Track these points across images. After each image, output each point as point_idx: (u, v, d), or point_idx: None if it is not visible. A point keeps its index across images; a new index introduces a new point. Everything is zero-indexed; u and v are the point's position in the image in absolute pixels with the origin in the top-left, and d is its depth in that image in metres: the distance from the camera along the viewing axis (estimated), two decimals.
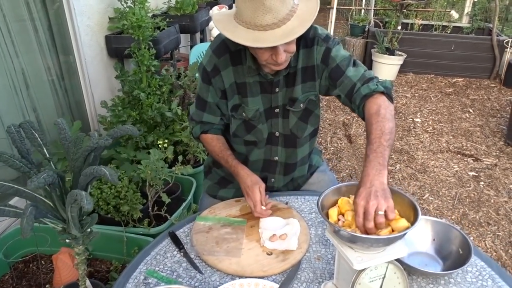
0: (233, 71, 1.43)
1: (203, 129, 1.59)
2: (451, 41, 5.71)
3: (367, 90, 1.34)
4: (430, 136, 4.03)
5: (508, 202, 2.95)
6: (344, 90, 1.40)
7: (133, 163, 2.41)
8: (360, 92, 1.35)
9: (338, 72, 1.40)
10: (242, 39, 1.20)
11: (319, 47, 1.41)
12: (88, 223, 1.34)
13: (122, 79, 2.54)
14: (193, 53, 3.61)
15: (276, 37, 1.19)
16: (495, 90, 5.32)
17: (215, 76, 1.44)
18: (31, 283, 1.95)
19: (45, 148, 1.33)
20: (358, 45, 6.03)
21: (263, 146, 1.55)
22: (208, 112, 1.54)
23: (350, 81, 1.38)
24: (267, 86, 1.44)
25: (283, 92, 1.46)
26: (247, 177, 1.44)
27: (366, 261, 0.97)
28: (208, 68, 1.44)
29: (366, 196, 1.01)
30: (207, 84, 1.48)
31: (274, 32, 1.19)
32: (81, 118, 2.80)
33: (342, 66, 1.40)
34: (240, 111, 1.49)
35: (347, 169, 3.46)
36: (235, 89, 1.46)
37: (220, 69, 1.43)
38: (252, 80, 1.43)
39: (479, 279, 1.17)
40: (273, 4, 1.16)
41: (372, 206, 0.99)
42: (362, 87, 1.35)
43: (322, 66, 1.43)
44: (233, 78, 1.44)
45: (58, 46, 2.64)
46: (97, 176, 1.19)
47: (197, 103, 1.57)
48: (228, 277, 1.19)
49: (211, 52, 1.44)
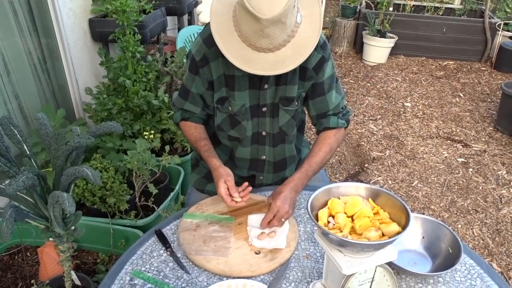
0: (223, 62, 1.38)
1: (183, 116, 1.56)
2: (443, 23, 5.67)
3: (334, 123, 1.49)
4: (420, 121, 4.03)
5: (496, 189, 2.98)
6: (317, 109, 1.50)
7: (119, 152, 2.36)
8: (328, 120, 1.49)
9: (320, 90, 1.45)
10: (233, 57, 1.21)
11: (317, 53, 1.39)
12: (72, 221, 1.31)
13: (106, 66, 2.46)
14: (181, 36, 3.51)
15: (266, 63, 1.20)
16: (486, 74, 5.32)
17: (204, 66, 1.40)
18: (16, 276, 1.92)
19: (25, 145, 1.27)
20: (349, 26, 5.95)
21: (248, 145, 1.52)
22: (189, 102, 1.51)
23: (327, 106, 1.48)
24: (256, 81, 1.40)
25: (272, 90, 1.42)
26: (213, 171, 1.41)
27: (355, 265, 0.95)
28: (196, 57, 1.39)
29: (283, 201, 1.30)
30: (194, 74, 1.43)
31: (267, 56, 1.20)
32: (66, 105, 2.72)
33: (326, 85, 1.45)
34: (226, 105, 1.44)
35: (336, 155, 3.45)
36: (223, 81, 1.41)
37: (209, 59, 1.38)
38: (241, 73, 1.38)
39: (468, 278, 1.17)
40: (271, 32, 1.15)
41: (286, 213, 1.29)
42: (331, 119, 1.49)
43: (312, 73, 1.42)
44: (222, 70, 1.39)
45: (39, 30, 2.54)
46: (79, 177, 1.15)
47: (180, 90, 1.54)
48: (216, 277, 1.17)
49: (201, 41, 1.38)
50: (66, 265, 1.44)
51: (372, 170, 3.20)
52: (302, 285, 1.15)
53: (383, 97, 4.57)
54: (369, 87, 4.84)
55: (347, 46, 6.09)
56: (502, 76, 5.25)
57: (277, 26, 1.15)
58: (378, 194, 1.06)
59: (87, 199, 2.01)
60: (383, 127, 3.91)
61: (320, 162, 1.45)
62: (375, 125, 3.94)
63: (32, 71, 2.53)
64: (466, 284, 1.15)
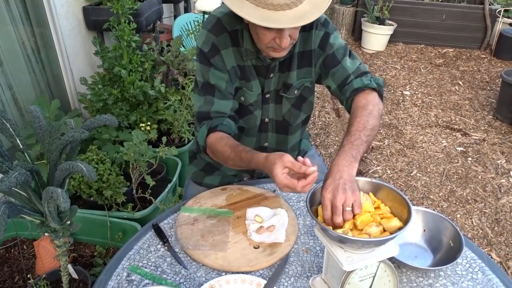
0: (233, 52, 1.32)
1: (210, 126, 1.31)
2: (442, 10, 5.60)
3: (359, 83, 1.30)
4: (419, 110, 4.00)
5: (495, 178, 2.97)
6: (337, 80, 1.35)
7: (115, 143, 2.33)
8: (352, 84, 1.31)
9: (334, 61, 1.35)
10: (251, 16, 1.10)
11: (318, 31, 1.34)
12: (68, 216, 1.29)
13: (101, 55, 2.41)
14: (177, 24, 3.46)
15: (287, 19, 1.10)
16: (486, 61, 5.28)
17: (215, 55, 1.31)
18: (13, 269, 1.90)
19: (18, 139, 1.24)
20: (348, 13, 5.88)
21: (254, 134, 1.49)
22: (217, 97, 1.33)
23: (345, 71, 1.34)
24: (262, 71, 1.36)
25: (276, 77, 1.39)
26: (265, 164, 1.14)
27: (356, 261, 0.94)
28: (205, 48, 1.31)
29: (333, 189, 1.00)
30: (207, 66, 1.32)
31: (286, 13, 1.11)
32: (60, 96, 2.68)
33: (338, 54, 1.34)
34: (239, 95, 1.39)
35: (335, 145, 3.43)
36: (238, 72, 1.35)
37: (219, 48, 1.30)
38: (250, 63, 1.34)
39: (469, 272, 1.15)
40: None
41: (340, 200, 0.97)
42: (355, 80, 1.32)
43: (319, 51, 1.36)
44: (234, 61, 1.33)
45: (32, 19, 2.49)
46: (74, 172, 1.12)
47: (202, 91, 1.34)
48: (214, 272, 1.16)
49: (207, 32, 1.31)
50: (63, 259, 1.42)
51: (371, 160, 3.19)
52: (301, 279, 1.13)
53: None
54: None
55: (346, 34, 6.03)
56: (502, 64, 5.21)
57: None
58: (379, 188, 1.04)
59: (84, 192, 1.99)
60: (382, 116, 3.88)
61: (362, 128, 1.17)
62: None
63: (25, 61, 2.48)
64: (467, 277, 1.13)
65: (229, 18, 1.30)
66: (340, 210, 0.97)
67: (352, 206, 0.98)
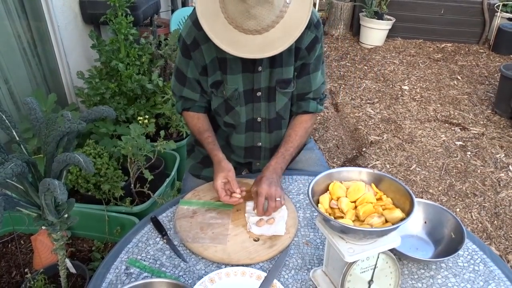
0: (214, 45, 1.32)
1: (184, 106, 1.51)
2: (441, 5, 5.59)
3: (313, 109, 1.48)
4: (417, 105, 3.99)
5: (494, 172, 2.96)
6: (299, 89, 1.45)
7: (113, 137, 2.31)
8: (308, 105, 1.47)
9: (307, 69, 1.41)
10: (219, 39, 1.17)
11: (310, 32, 1.34)
12: (65, 209, 1.27)
13: (98, 49, 2.39)
14: (175, 18, 3.43)
15: (254, 46, 1.15)
16: (484, 56, 5.27)
17: (195, 50, 1.34)
18: (10, 264, 1.89)
19: (14, 131, 1.22)
20: (346, 8, 5.85)
21: (242, 132, 1.48)
22: (188, 88, 1.46)
23: (309, 87, 1.44)
24: (249, 65, 1.35)
25: (266, 72, 1.37)
26: (216, 164, 1.37)
27: (357, 252, 0.93)
28: (187, 40, 1.34)
29: (269, 183, 1.27)
30: (187, 58, 1.38)
31: (255, 38, 1.15)
32: (57, 90, 2.66)
33: (312, 65, 1.41)
34: (221, 89, 1.40)
35: (334, 139, 3.42)
36: (217, 64, 1.36)
37: (200, 42, 1.33)
38: (233, 56, 1.32)
39: (470, 264, 1.15)
40: (258, 13, 1.11)
41: (274, 191, 1.26)
42: (311, 103, 1.47)
43: (304, 53, 1.37)
44: (215, 53, 1.34)
45: (28, 13, 2.46)
46: (71, 164, 1.11)
47: (176, 76, 1.47)
48: (214, 265, 1.15)
49: (191, 23, 1.33)
50: (60, 253, 1.41)
51: (370, 154, 3.18)
52: (302, 272, 1.12)
53: (380, 80, 4.52)
54: (366, 70, 4.78)
55: (344, 29, 6.01)
56: (500, 58, 5.19)
57: (264, 6, 1.10)
58: (381, 179, 1.03)
59: (81, 186, 1.97)
60: (380, 110, 3.87)
61: (296, 146, 1.44)
62: (373, 109, 3.90)
63: (21, 55, 2.45)
64: (469, 269, 1.13)
65: None
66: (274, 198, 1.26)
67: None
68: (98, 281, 1.08)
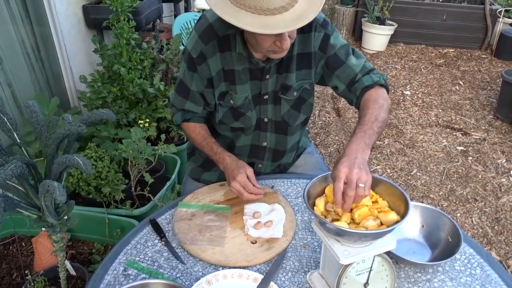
0: (221, 57, 1.33)
1: (184, 118, 1.49)
2: (443, 10, 5.60)
3: (369, 81, 1.31)
4: (419, 110, 3.99)
5: (495, 177, 2.96)
6: (344, 80, 1.36)
7: (114, 141, 2.32)
8: (362, 82, 1.32)
9: (337, 62, 1.35)
10: (249, 25, 1.08)
11: (317, 33, 1.33)
12: (65, 211, 1.28)
13: (101, 53, 2.41)
14: (177, 23, 3.46)
15: (285, 22, 1.09)
16: (486, 62, 5.27)
17: (201, 63, 1.34)
18: (11, 266, 1.90)
19: (16, 133, 1.24)
20: (348, 14, 5.88)
21: (250, 133, 1.49)
22: (190, 101, 1.44)
23: (352, 71, 1.34)
24: (257, 73, 1.36)
25: (273, 78, 1.38)
26: (233, 162, 1.35)
27: (353, 255, 0.93)
28: (193, 54, 1.34)
29: (349, 165, 0.98)
30: (192, 72, 1.37)
31: (283, 16, 1.10)
32: (60, 94, 2.68)
33: (341, 55, 1.35)
34: (228, 99, 1.40)
35: (335, 144, 3.42)
36: (222, 76, 1.37)
37: (206, 56, 1.33)
38: (242, 67, 1.34)
39: (467, 267, 1.15)
40: None
41: (356, 174, 0.95)
42: (364, 78, 1.32)
43: (320, 54, 1.35)
44: (220, 65, 1.35)
45: (32, 17, 2.49)
46: (71, 165, 1.12)
47: (179, 89, 1.45)
48: (211, 267, 1.15)
49: (197, 37, 1.33)
50: (60, 255, 1.42)
51: (371, 159, 3.18)
52: (299, 274, 1.13)
53: None
54: None
55: (346, 34, 6.03)
56: (502, 64, 5.20)
57: None
58: (377, 182, 1.03)
59: (82, 189, 1.98)
60: None
61: (374, 119, 1.17)
62: None
63: (25, 59, 2.48)
64: (466, 273, 1.13)
65: (221, 23, 1.28)
66: (355, 184, 0.94)
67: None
68: (96, 282, 1.09)
